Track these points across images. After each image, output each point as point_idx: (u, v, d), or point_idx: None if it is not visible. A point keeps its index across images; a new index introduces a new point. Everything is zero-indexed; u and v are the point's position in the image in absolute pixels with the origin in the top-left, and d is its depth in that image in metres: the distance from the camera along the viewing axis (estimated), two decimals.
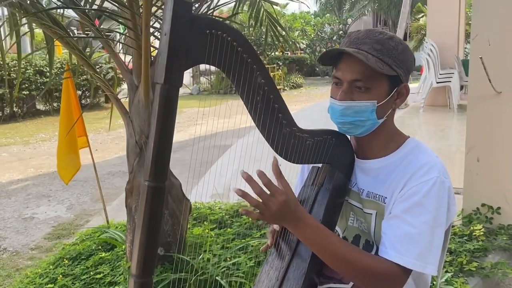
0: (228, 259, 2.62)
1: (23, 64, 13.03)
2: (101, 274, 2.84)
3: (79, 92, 15.05)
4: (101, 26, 2.69)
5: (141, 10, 2.37)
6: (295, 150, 1.36)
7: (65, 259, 3.19)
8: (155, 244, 1.15)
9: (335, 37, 23.26)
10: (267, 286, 1.42)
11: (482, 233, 2.97)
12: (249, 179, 1.19)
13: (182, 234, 2.68)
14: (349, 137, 1.47)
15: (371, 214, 1.40)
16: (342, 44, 1.39)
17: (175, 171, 2.90)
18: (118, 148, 8.92)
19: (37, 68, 13.37)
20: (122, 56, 2.78)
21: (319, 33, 23.01)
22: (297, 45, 22.11)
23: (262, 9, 3.75)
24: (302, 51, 23.35)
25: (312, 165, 1.56)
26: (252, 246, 2.81)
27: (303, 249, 1.40)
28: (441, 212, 1.28)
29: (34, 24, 2.45)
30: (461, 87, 9.59)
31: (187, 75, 21.62)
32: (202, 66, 21.03)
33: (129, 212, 2.70)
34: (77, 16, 2.50)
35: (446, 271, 2.60)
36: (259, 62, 1.24)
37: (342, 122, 1.37)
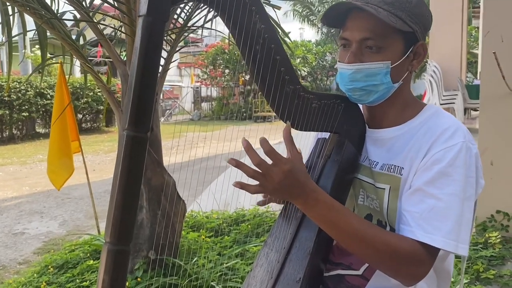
0: (224, 264, 2.42)
1: (24, 85, 13.01)
2: (88, 282, 2.63)
3: (80, 116, 15.03)
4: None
5: None
6: (299, 113, 1.19)
7: (50, 267, 2.99)
8: (134, 205, 0.97)
9: (336, 66, 23.30)
10: (266, 270, 1.23)
11: (498, 240, 2.78)
12: (248, 147, 1.00)
13: (176, 237, 2.49)
14: (360, 106, 1.31)
15: (384, 189, 1.22)
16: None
17: None
18: None
19: (37, 90, 13.33)
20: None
21: (320, 61, 23.13)
22: (299, 72, 22.18)
23: (268, 16, 3.64)
24: (303, 79, 23.41)
25: (318, 136, 1.40)
26: (250, 252, 2.61)
27: (308, 227, 1.21)
28: (470, 183, 1.10)
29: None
30: (465, 111, 9.47)
31: (189, 102, 21.63)
32: (204, 92, 21.09)
33: None
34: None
35: None
36: (259, 3, 1.09)
37: (352, 89, 1.20)
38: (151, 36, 0.94)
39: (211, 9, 1.05)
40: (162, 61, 2.69)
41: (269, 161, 1.02)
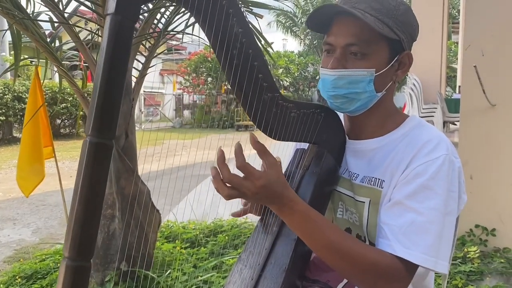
0: (199, 276, 2.34)
1: (1, 89, 12.75)
2: None
3: (58, 121, 14.78)
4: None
5: None
6: (277, 122, 1.13)
7: (18, 278, 2.87)
8: (96, 218, 0.90)
9: (318, 77, 23.44)
10: (239, 287, 1.17)
11: (477, 255, 2.76)
12: (220, 160, 0.97)
13: (149, 248, 2.40)
14: (340, 116, 1.26)
15: (364, 202, 1.17)
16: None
17: None
18: None
19: (15, 94, 13.07)
20: None
21: (302, 72, 23.25)
22: (281, 82, 22.25)
23: (246, 20, 3.60)
24: (285, 90, 23.49)
25: (297, 146, 1.35)
26: (226, 264, 2.54)
27: (284, 243, 1.16)
28: (452, 197, 1.07)
29: None
30: (444, 124, 9.56)
31: (170, 109, 21.51)
32: (186, 99, 20.99)
33: None
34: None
35: None
36: (237, 6, 1.04)
37: (334, 95, 1.15)
38: (119, 36, 0.88)
39: (185, 10, 0.98)
40: (139, 66, 2.62)
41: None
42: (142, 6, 0.96)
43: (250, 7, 3.70)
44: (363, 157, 1.20)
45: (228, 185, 0.97)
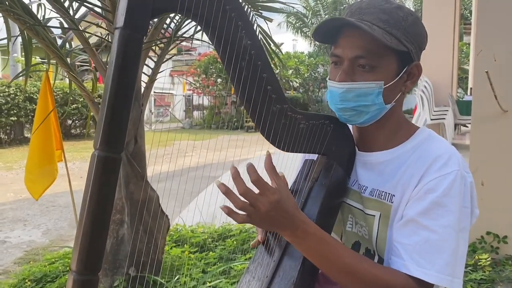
0: (208, 282, 2.34)
1: (13, 90, 12.88)
2: None
3: (69, 122, 14.90)
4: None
5: None
6: (286, 133, 1.12)
7: (27, 281, 2.88)
8: (104, 231, 0.89)
9: (328, 77, 23.25)
10: None
11: (488, 263, 2.72)
12: (235, 175, 0.94)
13: (158, 254, 2.40)
14: (350, 127, 1.25)
15: (374, 216, 1.16)
16: (343, 16, 1.18)
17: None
18: None
19: (27, 95, 13.20)
20: None
21: (312, 73, 23.21)
22: (290, 83, 22.22)
23: (255, 24, 3.60)
24: (295, 91, 23.46)
25: (305, 157, 1.33)
26: (235, 270, 2.53)
27: (293, 255, 1.15)
28: (465, 213, 1.05)
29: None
30: (455, 127, 9.48)
31: (180, 110, 21.57)
32: (195, 100, 21.05)
33: None
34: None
35: None
36: (246, 18, 1.03)
37: (342, 108, 1.14)
38: (127, 50, 0.87)
39: (192, 21, 0.97)
40: (149, 71, 2.63)
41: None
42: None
43: (260, 11, 3.71)
44: (373, 170, 1.19)
45: (242, 199, 0.95)
